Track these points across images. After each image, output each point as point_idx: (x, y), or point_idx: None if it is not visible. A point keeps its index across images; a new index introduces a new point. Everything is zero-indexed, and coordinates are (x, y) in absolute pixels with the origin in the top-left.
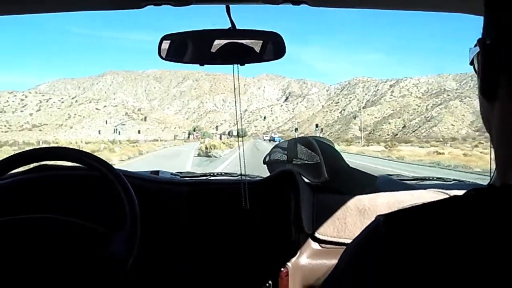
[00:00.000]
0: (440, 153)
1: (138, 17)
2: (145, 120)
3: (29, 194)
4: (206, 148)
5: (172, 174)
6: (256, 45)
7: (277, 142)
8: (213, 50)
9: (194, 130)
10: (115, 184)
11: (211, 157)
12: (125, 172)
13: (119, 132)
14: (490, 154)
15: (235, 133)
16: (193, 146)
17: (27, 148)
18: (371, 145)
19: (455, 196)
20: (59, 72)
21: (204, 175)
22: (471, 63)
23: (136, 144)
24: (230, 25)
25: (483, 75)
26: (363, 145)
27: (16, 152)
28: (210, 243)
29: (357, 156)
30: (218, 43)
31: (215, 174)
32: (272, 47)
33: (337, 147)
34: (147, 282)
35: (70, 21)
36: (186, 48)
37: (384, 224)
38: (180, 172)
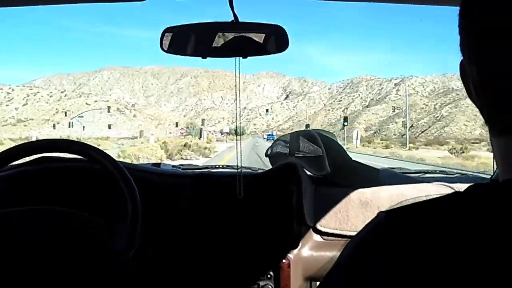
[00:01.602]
0: None
1: (137, 13)
2: (119, 113)
3: (30, 186)
4: None
5: (173, 166)
6: (259, 38)
7: (273, 140)
8: (215, 42)
9: (176, 126)
10: (116, 177)
11: None
12: (127, 164)
13: (83, 127)
14: (493, 150)
15: (226, 130)
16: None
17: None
18: (418, 148)
19: (456, 192)
20: (54, 67)
21: (206, 167)
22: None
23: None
24: (233, 18)
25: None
26: (408, 148)
27: None
28: (210, 235)
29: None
30: (221, 35)
31: (216, 166)
32: (275, 40)
33: (368, 151)
34: (148, 273)
35: (68, 16)
36: (188, 41)
37: (386, 221)
38: (182, 165)
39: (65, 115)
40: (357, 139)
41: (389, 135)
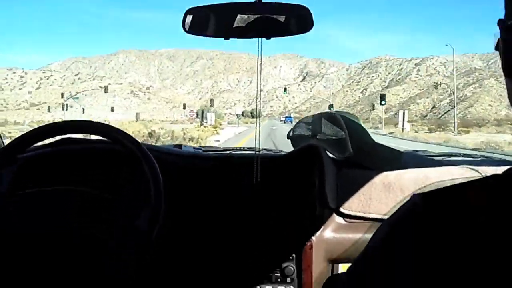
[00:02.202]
0: None
1: None
2: (133, 95)
3: (53, 167)
4: None
5: (194, 148)
6: (282, 18)
7: (291, 122)
8: (238, 23)
9: (184, 107)
10: (140, 159)
11: None
12: (150, 146)
13: (83, 109)
14: None
15: (238, 112)
16: None
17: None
18: (468, 131)
19: (495, 175)
20: (70, 51)
21: (227, 149)
22: (496, 48)
23: None
24: None
25: (505, 56)
26: (458, 132)
27: None
28: (231, 218)
29: None
30: (244, 16)
31: (238, 148)
32: (299, 20)
33: (417, 136)
34: (169, 257)
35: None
36: (210, 21)
37: (422, 204)
38: (203, 146)
39: (62, 97)
40: (403, 120)
41: (410, 117)
